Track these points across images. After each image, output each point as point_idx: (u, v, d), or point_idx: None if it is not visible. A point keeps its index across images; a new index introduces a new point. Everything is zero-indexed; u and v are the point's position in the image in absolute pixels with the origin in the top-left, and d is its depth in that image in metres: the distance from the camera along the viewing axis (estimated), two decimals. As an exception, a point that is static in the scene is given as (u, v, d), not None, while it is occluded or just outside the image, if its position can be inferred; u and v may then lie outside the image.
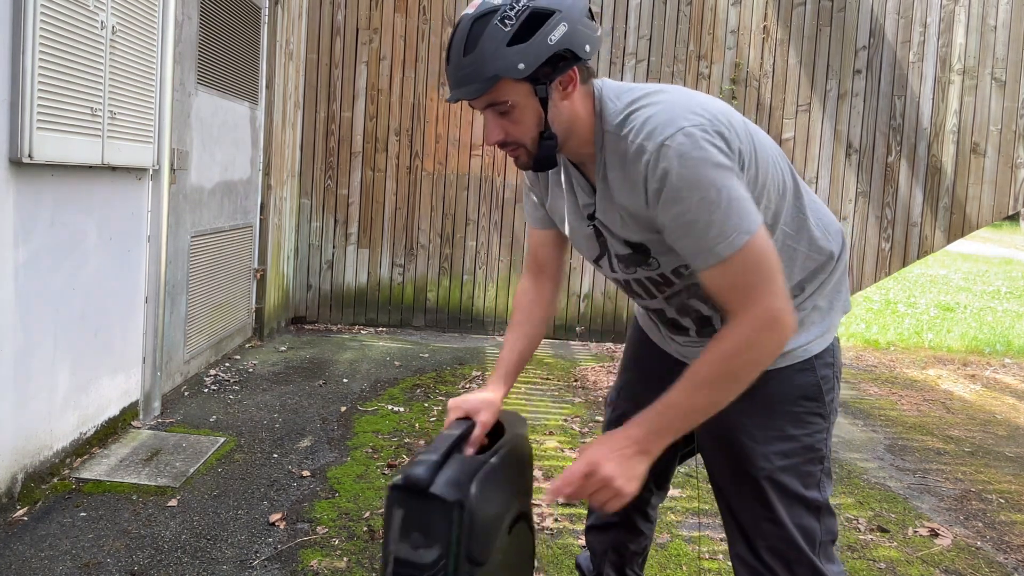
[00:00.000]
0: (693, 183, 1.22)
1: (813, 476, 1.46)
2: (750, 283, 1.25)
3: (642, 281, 1.48)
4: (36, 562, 2.29)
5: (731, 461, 1.50)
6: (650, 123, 1.26)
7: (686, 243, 1.28)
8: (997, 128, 5.63)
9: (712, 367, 1.28)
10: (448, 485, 1.29)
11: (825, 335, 1.49)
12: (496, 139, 1.33)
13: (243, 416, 3.66)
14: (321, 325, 5.91)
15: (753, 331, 1.26)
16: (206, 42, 4.07)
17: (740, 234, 1.23)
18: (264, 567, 2.34)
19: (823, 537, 1.47)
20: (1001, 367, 5.94)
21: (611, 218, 1.39)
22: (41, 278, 2.74)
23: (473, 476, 1.32)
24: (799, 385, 1.46)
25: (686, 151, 1.22)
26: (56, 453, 2.89)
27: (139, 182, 3.44)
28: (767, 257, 1.26)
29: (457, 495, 1.28)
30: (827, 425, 1.49)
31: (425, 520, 1.29)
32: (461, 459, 1.38)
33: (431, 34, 5.76)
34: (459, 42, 1.26)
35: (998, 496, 3.25)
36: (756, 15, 5.72)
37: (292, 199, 5.69)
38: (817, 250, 1.46)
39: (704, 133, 1.23)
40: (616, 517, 1.83)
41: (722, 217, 1.22)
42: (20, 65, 2.49)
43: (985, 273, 13.90)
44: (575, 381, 4.70)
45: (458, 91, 1.28)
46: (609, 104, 1.33)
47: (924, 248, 5.78)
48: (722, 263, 1.25)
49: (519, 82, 1.26)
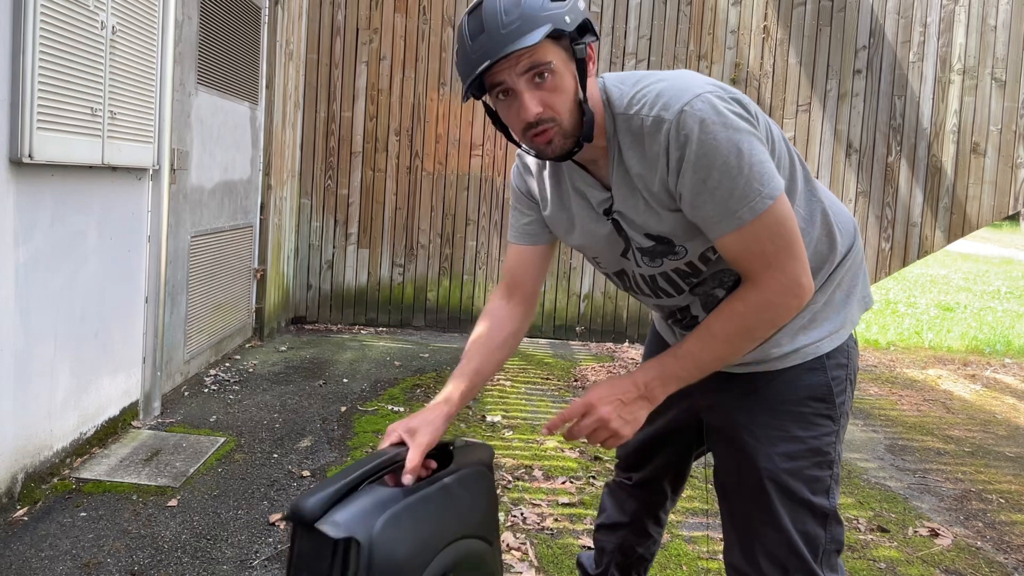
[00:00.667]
0: (714, 148, 1.20)
1: (821, 481, 1.41)
2: (771, 249, 1.24)
3: (669, 274, 1.42)
4: (36, 562, 2.29)
5: (735, 460, 1.46)
6: (664, 95, 1.24)
7: (707, 210, 1.24)
8: (997, 128, 5.63)
9: (729, 323, 1.28)
10: (345, 520, 1.11)
11: (839, 331, 1.44)
12: (536, 111, 1.23)
13: (243, 416, 3.66)
14: (321, 325, 5.91)
15: (774, 294, 1.26)
16: (206, 42, 4.07)
17: (762, 199, 1.21)
18: (264, 567, 2.34)
19: (827, 546, 1.41)
20: (1001, 367, 5.94)
21: (631, 205, 1.34)
22: (41, 278, 2.74)
23: (384, 509, 1.14)
24: (808, 385, 1.42)
25: (707, 116, 1.20)
26: (56, 453, 2.89)
27: (139, 182, 3.44)
28: (788, 225, 1.24)
29: (348, 532, 1.10)
30: (836, 428, 1.43)
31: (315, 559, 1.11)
32: (377, 490, 1.18)
33: (431, 34, 5.76)
34: (495, 4, 1.20)
35: (998, 496, 3.25)
36: (756, 15, 5.72)
37: (292, 199, 5.69)
38: (830, 236, 1.42)
39: (722, 100, 1.22)
40: (627, 516, 1.81)
41: (744, 182, 1.20)
42: (20, 65, 2.49)
43: (985, 273, 13.90)
44: (575, 381, 4.70)
45: (511, 46, 1.18)
46: (615, 90, 1.31)
47: (924, 248, 5.78)
48: (743, 228, 1.23)
49: (557, 45, 1.22)
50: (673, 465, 1.75)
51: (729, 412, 1.47)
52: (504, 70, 1.22)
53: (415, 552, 1.17)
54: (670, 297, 1.47)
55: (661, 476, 1.76)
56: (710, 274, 1.39)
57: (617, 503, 1.83)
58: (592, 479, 3.13)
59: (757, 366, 1.43)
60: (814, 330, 1.42)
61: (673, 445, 1.70)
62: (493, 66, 1.21)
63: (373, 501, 1.15)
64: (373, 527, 1.11)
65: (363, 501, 1.15)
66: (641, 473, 1.77)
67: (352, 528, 1.10)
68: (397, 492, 1.19)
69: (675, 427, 1.65)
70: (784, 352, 1.41)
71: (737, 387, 1.45)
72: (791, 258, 1.25)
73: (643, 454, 1.75)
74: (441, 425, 1.34)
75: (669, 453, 1.72)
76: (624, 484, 1.82)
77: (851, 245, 1.47)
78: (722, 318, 1.29)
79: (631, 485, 1.80)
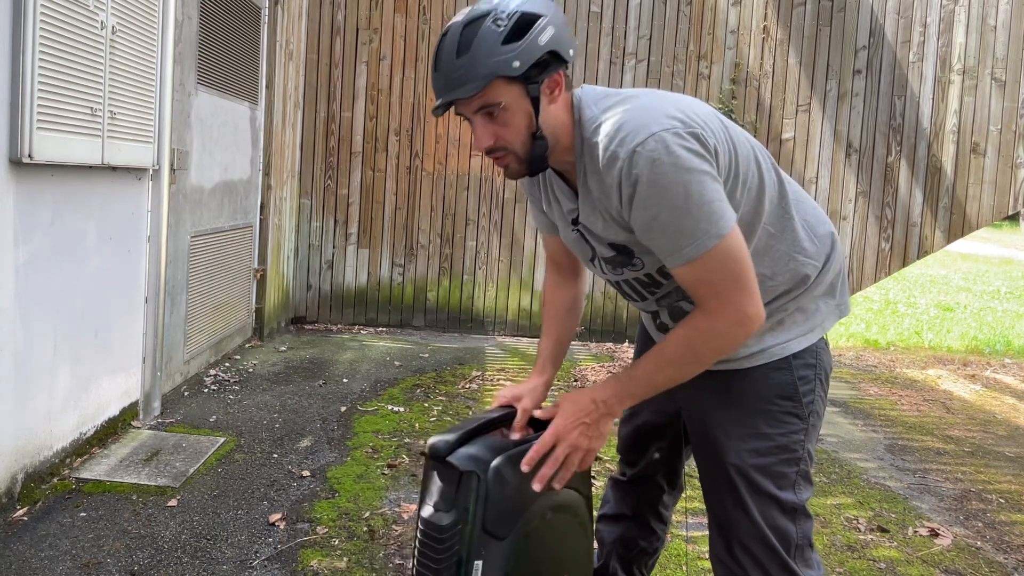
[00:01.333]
0: (663, 188, 1.24)
1: (787, 477, 1.46)
2: (719, 280, 1.29)
3: (631, 282, 1.50)
4: (36, 562, 2.29)
5: (707, 456, 1.53)
6: (623, 129, 1.28)
7: (657, 243, 1.31)
8: (997, 128, 5.63)
9: (679, 348, 1.36)
10: (468, 457, 1.36)
11: (807, 335, 1.49)
12: (487, 144, 1.33)
13: (243, 416, 3.66)
14: (321, 325, 5.91)
15: (722, 324, 1.31)
16: (206, 42, 4.07)
17: (709, 238, 1.26)
18: (264, 567, 2.34)
19: (799, 540, 1.46)
20: (1001, 367, 5.94)
21: (593, 221, 1.41)
22: (41, 278, 2.74)
23: (498, 454, 1.38)
24: (775, 383, 1.47)
25: (658, 156, 1.23)
26: (56, 453, 2.89)
27: (139, 182, 3.44)
28: (737, 259, 1.29)
29: (472, 467, 1.35)
30: (804, 427, 1.47)
31: (445, 486, 1.37)
32: (492, 439, 1.44)
33: (431, 34, 5.76)
34: (450, 45, 1.28)
35: (998, 496, 3.25)
36: (756, 15, 5.72)
37: (292, 199, 5.69)
38: (801, 251, 1.46)
39: (677, 137, 1.25)
40: (629, 509, 1.85)
41: (692, 222, 1.25)
42: (20, 65, 2.48)
43: (985, 273, 13.90)
44: (575, 381, 4.70)
45: (451, 93, 1.28)
46: (587, 111, 1.35)
47: (924, 248, 5.78)
48: (691, 263, 1.28)
49: (511, 84, 1.28)
50: (665, 459, 1.79)
51: (703, 408, 1.54)
52: (460, 105, 1.32)
53: (522, 491, 1.39)
54: (636, 302, 1.57)
55: (654, 471, 1.81)
56: (672, 288, 1.45)
57: (618, 496, 1.89)
58: (592, 479, 3.13)
59: (727, 364, 1.48)
60: (781, 332, 1.48)
61: (662, 438, 1.76)
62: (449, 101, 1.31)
63: (490, 445, 1.41)
64: (490, 465, 1.36)
65: (482, 444, 1.40)
66: (635, 469, 1.82)
67: (474, 464, 1.36)
68: (508, 441, 1.45)
69: (662, 421, 1.72)
70: (751, 352, 1.47)
71: (711, 384, 1.49)
72: (739, 290, 1.30)
73: (635, 447, 1.81)
74: (542, 393, 1.60)
75: (659, 447, 1.77)
76: (621, 478, 1.88)
77: (828, 255, 1.51)
78: (674, 343, 1.37)
79: (626, 481, 1.86)
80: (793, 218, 1.46)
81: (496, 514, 1.35)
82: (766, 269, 1.43)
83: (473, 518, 1.34)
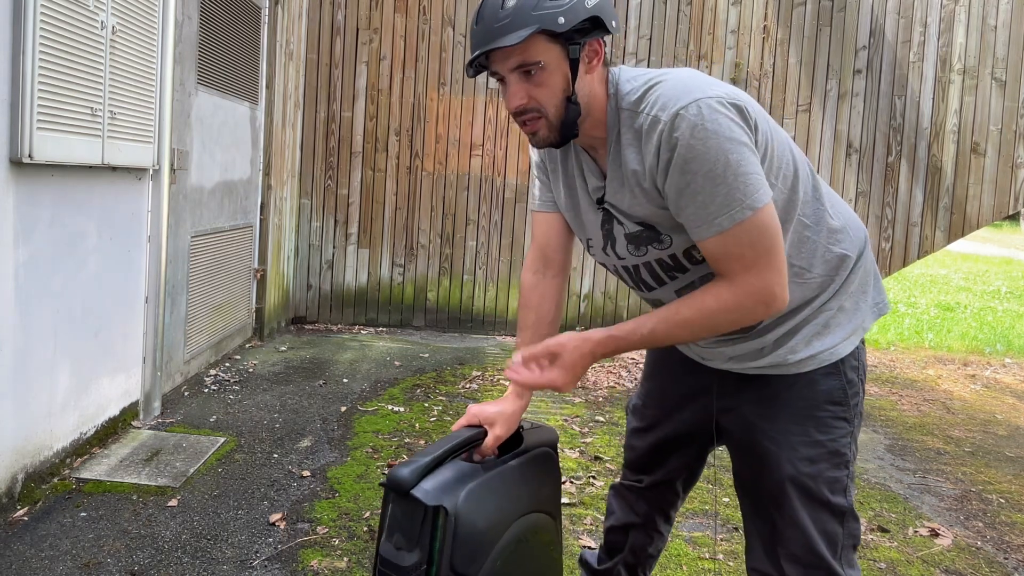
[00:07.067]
0: (701, 154, 1.22)
1: (840, 482, 1.43)
2: (750, 255, 1.26)
3: (651, 264, 1.43)
4: (36, 562, 2.29)
5: (755, 465, 1.48)
6: (665, 95, 1.26)
7: (688, 212, 1.27)
8: (997, 128, 5.63)
9: (695, 314, 1.31)
10: (434, 490, 1.25)
11: (851, 337, 1.46)
12: (520, 102, 1.29)
13: (243, 416, 3.66)
14: (321, 325, 5.91)
15: (747, 299, 1.28)
16: (206, 42, 4.07)
17: (743, 208, 1.23)
18: (264, 567, 2.34)
19: (845, 542, 1.44)
20: (1001, 367, 5.94)
21: (620, 198, 1.37)
22: (41, 278, 2.74)
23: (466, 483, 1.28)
24: (825, 389, 1.44)
25: (699, 121, 1.21)
26: (56, 453, 2.89)
27: (139, 182, 3.44)
28: (770, 235, 1.26)
29: (438, 501, 1.24)
30: (851, 429, 1.45)
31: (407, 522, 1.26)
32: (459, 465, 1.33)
33: (431, 34, 5.76)
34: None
35: (998, 496, 3.25)
36: (756, 15, 5.72)
37: (292, 199, 5.69)
38: (836, 243, 1.43)
39: (720, 105, 1.23)
40: (640, 518, 1.80)
41: (726, 190, 1.22)
42: (20, 65, 2.49)
43: (985, 273, 13.90)
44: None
45: (493, 42, 1.24)
46: (625, 85, 1.33)
47: (924, 248, 5.78)
48: (722, 234, 1.25)
49: (552, 42, 1.26)
50: (687, 467, 1.75)
51: (748, 417, 1.49)
52: (497, 61, 1.28)
53: (493, 522, 1.31)
54: (651, 290, 1.49)
55: (675, 477, 1.76)
56: (697, 277, 1.40)
57: (626, 505, 1.83)
58: (592, 479, 3.13)
59: (773, 369, 1.45)
60: (828, 336, 1.44)
61: (688, 447, 1.70)
62: (489, 54, 1.27)
63: (457, 474, 1.30)
64: (459, 497, 1.25)
65: (449, 474, 1.29)
66: (653, 476, 1.76)
67: (441, 497, 1.24)
68: (477, 468, 1.34)
69: (689, 430, 1.66)
70: (800, 358, 1.43)
71: (753, 390, 1.46)
72: (769, 267, 1.27)
73: (656, 458, 1.74)
74: (516, 422, 1.50)
75: (683, 455, 1.72)
76: (634, 487, 1.81)
77: (861, 252, 1.49)
78: (691, 307, 1.31)
79: (642, 488, 1.79)
80: (827, 211, 1.43)
81: (465, 552, 1.25)
82: (803, 261, 1.41)
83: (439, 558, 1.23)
